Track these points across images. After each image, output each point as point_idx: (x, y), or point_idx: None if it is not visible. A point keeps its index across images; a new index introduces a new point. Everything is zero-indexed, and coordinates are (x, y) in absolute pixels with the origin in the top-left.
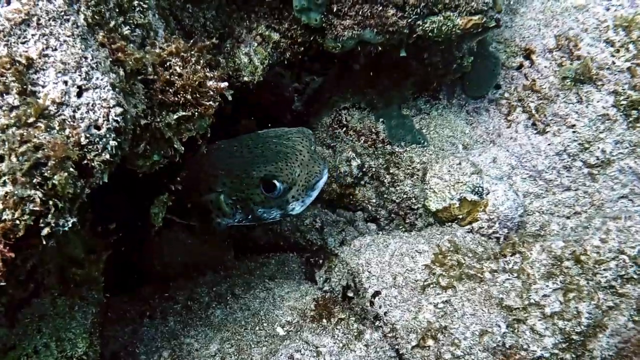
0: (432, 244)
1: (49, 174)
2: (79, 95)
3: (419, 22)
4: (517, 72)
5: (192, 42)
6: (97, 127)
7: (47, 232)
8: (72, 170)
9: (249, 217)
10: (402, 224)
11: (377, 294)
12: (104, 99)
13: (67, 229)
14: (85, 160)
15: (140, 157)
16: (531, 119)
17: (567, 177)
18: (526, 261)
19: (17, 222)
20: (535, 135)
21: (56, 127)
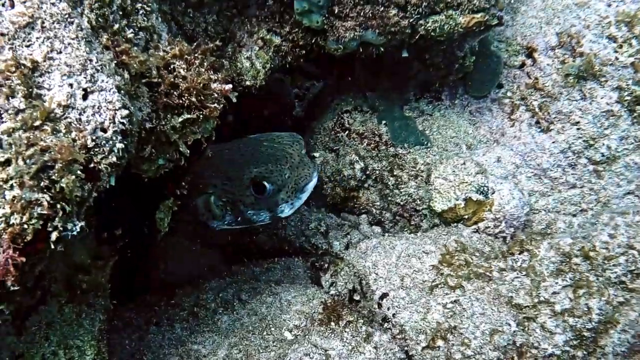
0: (439, 245)
1: (56, 177)
2: (84, 97)
3: (421, 22)
4: (519, 71)
5: (196, 44)
6: (104, 130)
7: (56, 236)
8: (80, 173)
9: (239, 220)
10: (407, 226)
11: (384, 295)
12: (110, 101)
13: (76, 233)
14: (92, 163)
15: (145, 161)
16: (535, 117)
17: (572, 174)
18: (534, 259)
19: (25, 226)
20: (539, 133)
21: (62, 130)
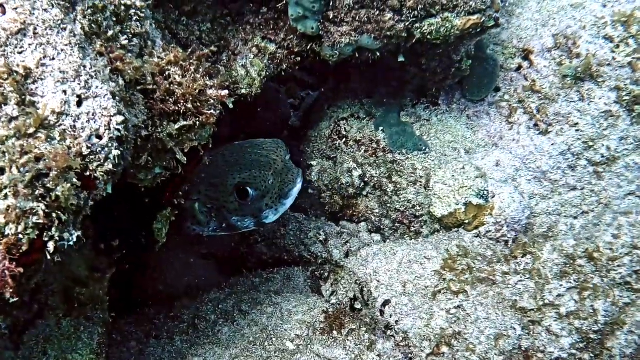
0: (441, 250)
1: (51, 186)
2: (79, 104)
3: (417, 25)
4: (516, 74)
5: (191, 50)
6: (99, 137)
7: (53, 246)
8: (75, 181)
9: (224, 226)
10: (407, 233)
11: (387, 302)
12: (105, 108)
13: (72, 243)
14: (87, 171)
15: (142, 170)
16: (533, 120)
17: (572, 176)
18: (538, 261)
19: (20, 236)
20: (538, 136)
21: (57, 138)
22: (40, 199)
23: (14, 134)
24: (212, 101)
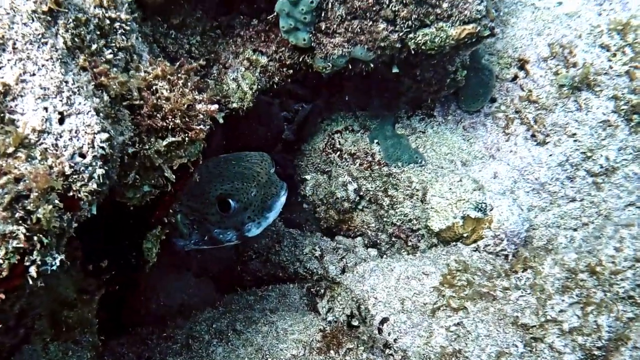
0: (439, 265)
1: (32, 208)
2: (61, 121)
3: (411, 36)
4: (512, 84)
5: (179, 64)
6: (82, 155)
7: (35, 271)
8: (57, 202)
9: (205, 239)
10: (404, 247)
11: (385, 320)
12: (88, 125)
13: (55, 267)
14: (70, 191)
15: (129, 188)
16: (530, 131)
17: (571, 187)
18: (539, 276)
19: (0, 261)
20: (535, 146)
21: (38, 157)
22: (20, 222)
23: None
24: (202, 116)
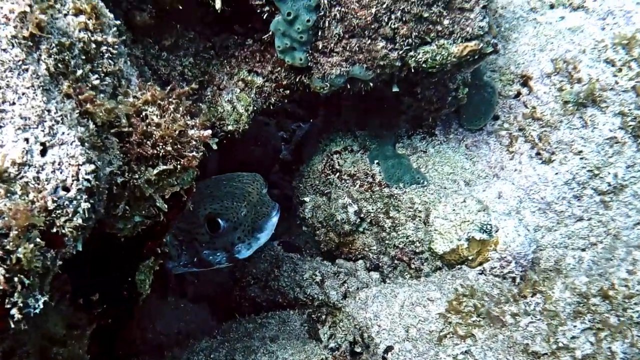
0: (444, 290)
1: (11, 247)
2: (43, 153)
3: (411, 54)
4: (515, 101)
5: (170, 88)
6: (66, 189)
7: (17, 313)
8: (39, 240)
9: (195, 260)
10: (407, 270)
11: (389, 349)
12: (72, 156)
13: (39, 310)
14: (54, 227)
15: (120, 219)
16: (535, 149)
17: (578, 206)
18: (549, 301)
19: None
20: (540, 165)
21: (18, 192)
22: None
23: None
24: (194, 142)
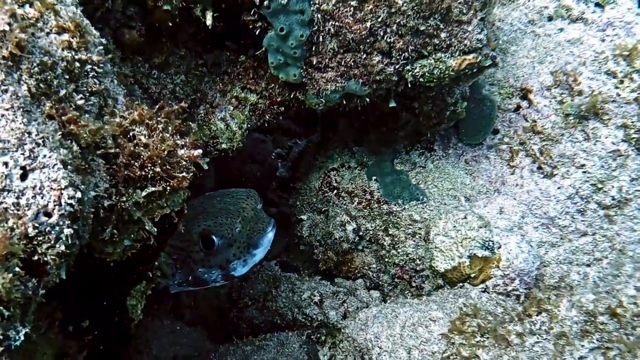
0: (447, 309)
1: None
2: (23, 177)
3: (408, 68)
4: (514, 114)
5: (158, 107)
6: (48, 214)
7: None
8: (18, 270)
9: (190, 279)
10: (408, 289)
11: None
12: (54, 180)
13: (19, 343)
14: (35, 255)
15: (108, 243)
16: (536, 163)
17: (582, 221)
18: (555, 320)
19: None
20: (542, 179)
21: None
22: None
23: None
24: (184, 162)
